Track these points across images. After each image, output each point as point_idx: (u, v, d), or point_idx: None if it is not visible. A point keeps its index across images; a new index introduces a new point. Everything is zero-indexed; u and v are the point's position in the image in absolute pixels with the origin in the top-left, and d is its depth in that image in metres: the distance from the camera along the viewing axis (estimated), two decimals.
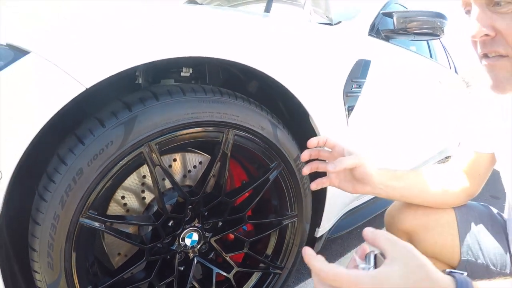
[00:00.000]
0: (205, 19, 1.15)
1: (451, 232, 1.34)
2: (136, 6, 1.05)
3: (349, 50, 1.76)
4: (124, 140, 0.96)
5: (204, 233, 1.28)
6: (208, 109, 1.09)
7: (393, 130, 2.26)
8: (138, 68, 0.96)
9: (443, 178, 1.35)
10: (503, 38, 0.89)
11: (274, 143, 1.27)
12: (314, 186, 1.22)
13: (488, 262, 1.31)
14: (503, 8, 0.86)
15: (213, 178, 1.24)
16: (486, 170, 1.33)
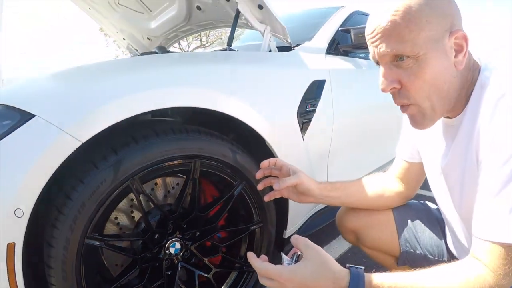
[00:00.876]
0: (169, 71, 1.41)
1: (390, 229, 1.56)
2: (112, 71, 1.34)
3: (303, 74, 1.96)
4: (114, 178, 1.22)
5: (185, 242, 1.53)
6: (177, 146, 1.35)
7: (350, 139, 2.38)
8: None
9: (379, 186, 1.55)
10: (406, 89, 1.04)
11: (234, 166, 1.53)
12: (267, 198, 1.49)
13: (426, 252, 1.51)
14: (405, 62, 1.00)
15: (188, 197, 1.49)
16: (418, 176, 1.51)
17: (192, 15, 2.72)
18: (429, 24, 0.97)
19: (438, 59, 1.00)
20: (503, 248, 0.90)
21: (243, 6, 2.01)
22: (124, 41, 3.42)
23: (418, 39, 0.97)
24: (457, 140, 1.13)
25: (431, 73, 1.00)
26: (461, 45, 1.01)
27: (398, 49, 0.98)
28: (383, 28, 0.99)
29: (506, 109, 0.92)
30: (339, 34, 2.56)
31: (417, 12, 0.96)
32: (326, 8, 3.13)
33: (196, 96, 1.39)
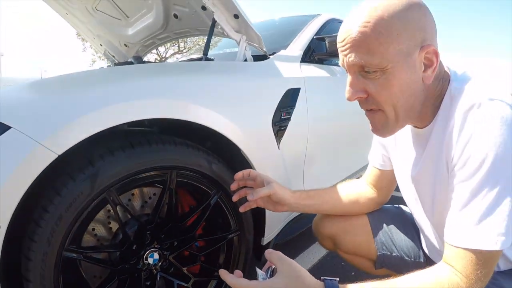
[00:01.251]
0: (145, 83, 1.42)
1: (366, 233, 1.61)
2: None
3: (278, 83, 2.00)
4: (90, 190, 1.23)
5: (163, 252, 1.55)
6: (153, 157, 1.37)
7: (325, 146, 2.44)
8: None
9: (353, 192, 1.60)
10: (373, 98, 1.07)
11: (210, 175, 1.56)
12: (242, 209, 1.53)
13: (402, 254, 1.56)
14: (372, 74, 1.02)
15: (165, 207, 1.51)
16: (391, 182, 1.56)
17: (169, 23, 2.75)
18: (400, 38, 0.98)
19: (406, 72, 1.01)
20: (475, 254, 0.93)
21: (219, 16, 2.05)
22: (101, 47, 3.43)
23: (387, 52, 0.98)
24: (428, 150, 1.17)
25: (398, 86, 1.02)
26: (431, 60, 1.03)
27: (366, 61, 1.00)
28: (353, 38, 1.01)
29: (475, 120, 0.96)
30: (314, 42, 2.63)
31: (388, 25, 0.97)
32: (302, 16, 3.21)
33: (172, 108, 1.42)
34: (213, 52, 3.36)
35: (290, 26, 3.18)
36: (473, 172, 0.95)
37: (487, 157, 0.92)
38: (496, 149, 0.91)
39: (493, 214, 0.92)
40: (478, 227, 0.93)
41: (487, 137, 0.93)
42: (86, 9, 2.88)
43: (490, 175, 0.92)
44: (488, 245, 0.91)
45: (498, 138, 0.92)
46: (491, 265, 0.95)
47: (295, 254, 2.61)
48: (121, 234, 1.48)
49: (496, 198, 0.92)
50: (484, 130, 0.94)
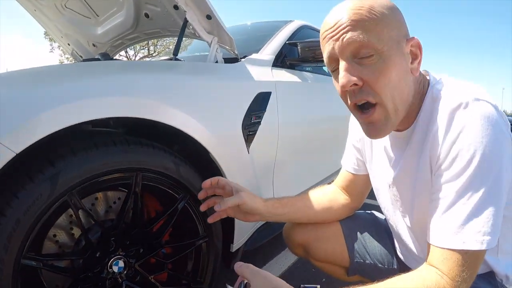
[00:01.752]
0: (110, 80, 1.37)
1: (339, 240, 1.59)
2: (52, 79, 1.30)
3: (249, 86, 1.99)
4: (51, 192, 1.16)
5: (129, 259, 1.48)
6: (118, 159, 1.33)
7: (295, 151, 2.42)
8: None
9: (325, 199, 1.59)
10: (370, 86, 1.03)
11: (178, 179, 1.52)
12: (211, 220, 1.50)
13: (376, 261, 1.56)
14: (369, 58, 1.00)
15: (130, 212, 1.45)
16: (364, 187, 1.57)
17: (139, 22, 2.71)
18: (390, 25, 1.01)
19: (400, 59, 1.02)
20: (461, 255, 0.94)
21: (191, 15, 2.02)
22: (68, 47, 3.36)
23: (382, 33, 0.99)
24: (408, 152, 1.18)
25: (395, 71, 1.02)
26: (416, 53, 1.07)
27: (364, 38, 0.99)
28: (348, 19, 1.00)
29: (462, 120, 0.97)
30: (286, 47, 2.64)
31: (380, 11, 1.00)
32: (274, 22, 3.24)
33: (138, 106, 1.38)
34: (182, 55, 3.34)
35: (262, 31, 3.20)
36: (460, 171, 0.96)
37: (474, 157, 0.94)
38: (483, 148, 0.93)
39: (479, 214, 0.93)
40: (464, 228, 0.94)
41: (474, 136, 0.94)
42: (55, 6, 2.82)
43: (477, 174, 0.94)
44: (475, 245, 0.92)
45: (485, 138, 0.94)
46: (476, 266, 0.97)
47: (264, 260, 2.60)
48: (84, 240, 1.42)
49: (482, 198, 0.93)
50: (471, 130, 0.95)
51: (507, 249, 1.21)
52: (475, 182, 0.94)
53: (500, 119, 0.97)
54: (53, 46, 28.72)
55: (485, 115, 0.95)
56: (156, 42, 27.75)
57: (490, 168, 0.93)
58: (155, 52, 27.47)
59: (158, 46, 27.44)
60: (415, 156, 1.14)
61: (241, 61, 2.21)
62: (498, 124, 0.95)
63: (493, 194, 0.93)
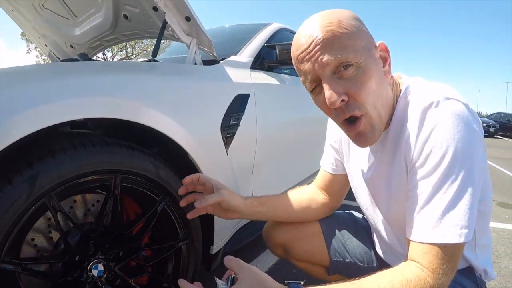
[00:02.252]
0: (88, 80, 1.35)
1: (318, 240, 1.62)
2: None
3: (227, 88, 2.01)
4: (29, 194, 1.14)
5: (108, 263, 1.46)
6: (96, 160, 1.32)
7: (274, 152, 2.45)
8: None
9: (304, 198, 1.61)
10: (354, 99, 1.05)
11: (157, 181, 1.52)
12: (190, 216, 1.50)
13: (355, 260, 1.59)
14: (348, 71, 1.02)
15: (109, 215, 1.45)
16: (342, 187, 1.59)
17: (118, 23, 2.71)
18: (360, 35, 1.04)
19: (375, 66, 1.06)
20: (440, 248, 0.97)
21: (170, 17, 2.04)
22: (46, 48, 3.33)
23: (356, 46, 1.02)
24: (383, 152, 1.22)
25: (374, 80, 1.05)
26: (385, 56, 1.12)
27: (342, 55, 1.01)
28: (322, 38, 1.01)
29: (434, 118, 1.01)
30: (264, 49, 2.68)
31: (349, 24, 1.03)
32: (253, 25, 3.29)
33: (116, 108, 1.36)
34: (161, 57, 3.35)
35: (240, 33, 3.24)
36: (434, 167, 0.99)
37: (447, 152, 0.97)
38: (455, 144, 0.97)
39: (455, 208, 0.96)
40: (441, 222, 0.97)
41: (446, 133, 0.98)
42: (33, 6, 2.81)
43: (451, 169, 0.97)
44: (452, 239, 0.95)
45: (457, 134, 0.97)
46: (456, 258, 0.99)
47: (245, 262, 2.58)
48: (63, 244, 1.41)
49: (457, 192, 0.97)
50: (443, 127, 0.98)
51: (484, 244, 1.27)
52: (449, 177, 0.97)
53: (471, 116, 1.01)
54: (30, 47, 28.30)
55: (456, 112, 0.99)
56: (134, 44, 27.59)
57: (463, 163, 0.97)
58: (133, 54, 27.30)
59: (136, 48, 27.25)
60: (390, 156, 1.18)
61: (219, 63, 2.22)
62: (468, 121, 0.99)
63: (467, 188, 0.97)
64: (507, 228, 4.13)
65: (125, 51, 27.68)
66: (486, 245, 1.28)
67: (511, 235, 3.87)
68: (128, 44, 27.07)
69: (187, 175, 1.51)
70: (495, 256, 3.23)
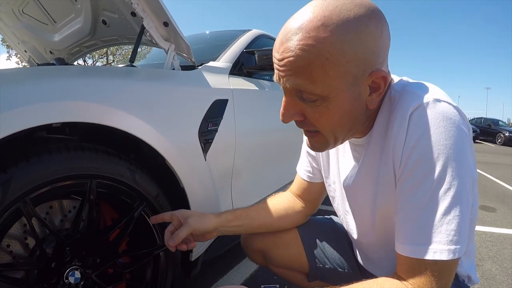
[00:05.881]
0: (63, 84, 1.34)
1: (297, 246, 1.61)
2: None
3: (205, 93, 2.01)
4: (2, 199, 1.14)
5: (85, 270, 1.45)
6: (72, 165, 1.32)
7: (253, 159, 2.46)
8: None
9: (281, 206, 1.59)
10: (311, 123, 1.01)
11: (133, 186, 1.52)
12: (173, 249, 1.40)
13: (335, 265, 1.57)
14: (311, 102, 0.95)
15: (85, 221, 1.45)
16: (319, 194, 1.57)
17: (97, 29, 2.72)
18: (348, 66, 0.89)
19: (349, 100, 0.95)
20: (429, 265, 0.89)
21: (148, 22, 2.04)
22: (25, 54, 3.34)
23: (331, 81, 0.90)
24: (367, 158, 1.14)
25: (338, 114, 0.97)
26: (379, 84, 0.97)
27: (306, 89, 0.93)
28: (293, 62, 0.90)
29: (422, 122, 0.92)
30: (243, 55, 2.70)
31: (337, 52, 0.87)
32: (232, 31, 3.32)
33: (92, 111, 1.35)
34: (141, 63, 3.37)
35: (220, 39, 3.25)
36: (424, 176, 0.91)
37: (438, 160, 0.90)
38: (447, 152, 0.89)
39: (448, 221, 0.88)
40: (432, 236, 0.89)
41: (437, 139, 0.90)
42: (12, 12, 2.82)
43: (442, 179, 0.89)
44: (443, 255, 0.88)
45: (448, 140, 0.90)
46: (448, 276, 0.91)
47: (225, 269, 2.62)
48: (38, 250, 1.38)
49: (450, 203, 0.89)
50: (433, 133, 0.91)
51: (469, 250, 1.18)
52: (440, 187, 0.89)
53: (462, 120, 0.93)
54: (10, 53, 28.07)
55: (446, 116, 0.91)
56: (115, 51, 27.52)
57: (454, 172, 0.89)
58: (114, 61, 27.19)
59: (117, 55, 27.15)
60: (374, 162, 1.10)
61: (198, 68, 2.23)
62: (459, 126, 0.91)
63: (460, 199, 0.89)
64: (489, 231, 4.20)
65: (106, 58, 27.56)
66: (470, 251, 1.20)
67: (493, 238, 3.94)
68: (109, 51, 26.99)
69: (163, 181, 1.51)
70: (478, 259, 3.28)
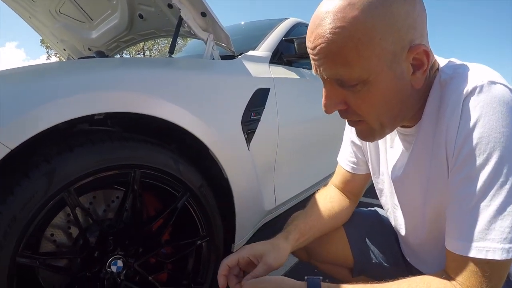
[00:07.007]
0: (107, 75, 1.35)
1: (342, 241, 1.52)
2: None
3: (247, 82, 1.96)
4: (47, 189, 1.15)
5: (128, 259, 1.45)
6: (115, 155, 1.31)
7: (296, 149, 2.40)
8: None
9: (336, 208, 1.47)
10: (353, 110, 0.94)
11: (177, 176, 1.49)
12: None
13: (381, 260, 1.48)
14: (351, 87, 0.89)
15: (128, 211, 1.44)
16: (362, 186, 1.48)
17: (134, 24, 2.71)
18: (383, 43, 0.83)
19: (391, 81, 0.88)
20: (480, 265, 0.82)
21: (186, 13, 2.01)
22: (64, 52, 3.37)
23: (368, 63, 0.84)
24: (417, 147, 1.05)
25: (382, 97, 0.90)
26: (421, 60, 0.88)
27: (344, 75, 0.87)
28: (325, 48, 0.85)
29: (478, 107, 0.84)
30: (282, 44, 2.63)
31: (368, 29, 0.81)
32: (268, 20, 3.25)
33: (136, 102, 1.35)
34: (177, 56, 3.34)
35: (257, 29, 3.20)
36: (479, 167, 0.83)
37: (494, 150, 0.81)
38: (504, 141, 0.80)
39: (503, 218, 0.80)
40: (486, 234, 0.81)
41: (493, 127, 0.81)
42: (49, 12, 2.83)
43: (499, 171, 0.81)
44: (498, 254, 0.80)
45: (506, 128, 0.81)
46: (499, 277, 0.84)
47: None
48: (82, 240, 1.40)
49: (506, 198, 0.80)
50: (489, 119, 0.82)
51: None
52: (496, 180, 0.80)
53: None
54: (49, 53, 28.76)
55: (503, 100, 0.82)
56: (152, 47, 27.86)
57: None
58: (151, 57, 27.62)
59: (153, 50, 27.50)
60: (426, 152, 1.01)
61: (238, 58, 2.19)
62: None
63: None
64: None
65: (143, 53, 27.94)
66: None
67: None
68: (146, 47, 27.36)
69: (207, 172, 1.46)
70: None
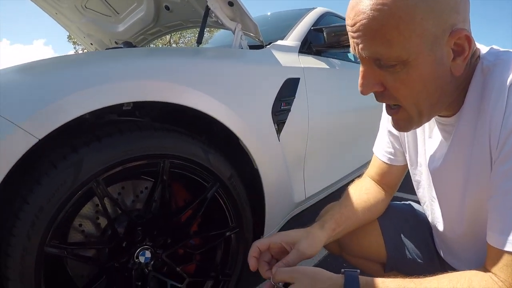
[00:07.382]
0: (136, 64, 1.34)
1: (375, 234, 1.47)
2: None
3: (277, 71, 1.93)
4: (74, 179, 1.14)
5: (156, 250, 1.44)
6: (144, 144, 1.29)
7: (326, 140, 2.37)
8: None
9: (372, 200, 1.43)
10: (391, 94, 0.91)
11: (207, 166, 1.46)
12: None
13: (415, 256, 1.43)
14: (390, 68, 0.87)
15: (157, 201, 1.42)
16: (399, 178, 1.43)
17: (160, 15, 2.71)
18: (424, 23, 0.80)
19: (431, 64, 0.85)
20: None
21: (213, 3, 1.97)
22: (92, 46, 3.39)
23: (408, 42, 0.82)
24: (457, 137, 1.01)
25: (421, 81, 0.87)
26: (463, 46, 0.85)
27: (383, 54, 0.85)
28: (366, 25, 0.83)
29: None
30: (311, 33, 2.57)
31: (410, 8, 0.79)
32: (296, 10, 3.20)
33: (166, 91, 1.33)
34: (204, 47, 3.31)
35: (284, 20, 3.16)
36: None
37: None
38: None
39: None
40: None
41: None
42: (75, 8, 2.84)
43: None
44: None
45: None
46: None
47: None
48: (110, 230, 1.39)
49: None
50: None
51: None
52: None
53: None
54: (76, 49, 29.21)
55: None
56: (178, 40, 28.03)
57: None
58: None
59: (180, 43, 27.65)
60: (466, 143, 0.97)
61: (266, 47, 2.15)
62: None
63: None
64: None
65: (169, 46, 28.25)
66: None
67: None
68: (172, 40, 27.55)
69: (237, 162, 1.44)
70: None
